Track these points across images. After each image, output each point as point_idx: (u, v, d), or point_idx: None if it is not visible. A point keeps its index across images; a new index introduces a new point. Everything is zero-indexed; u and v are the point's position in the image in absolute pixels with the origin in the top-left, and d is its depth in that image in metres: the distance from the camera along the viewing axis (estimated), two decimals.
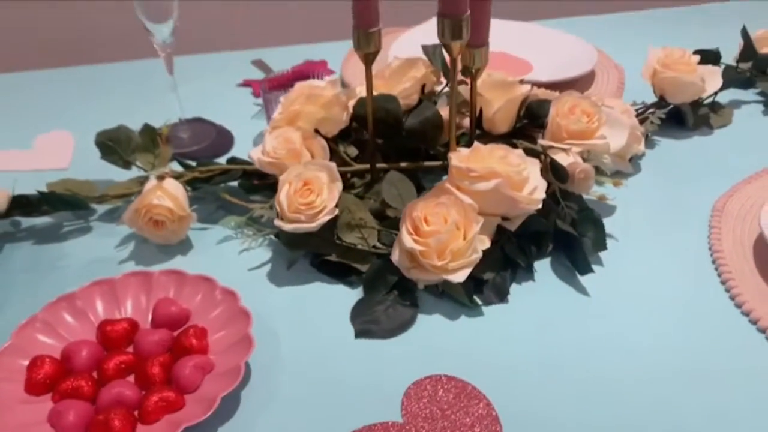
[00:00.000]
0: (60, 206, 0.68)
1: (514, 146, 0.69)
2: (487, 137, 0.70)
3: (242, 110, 0.93)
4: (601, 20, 1.19)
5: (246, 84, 0.99)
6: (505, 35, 1.05)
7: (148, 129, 0.72)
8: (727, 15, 1.19)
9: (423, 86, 0.76)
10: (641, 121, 0.82)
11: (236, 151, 0.84)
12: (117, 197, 0.70)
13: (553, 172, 0.64)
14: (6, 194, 0.67)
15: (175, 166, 0.73)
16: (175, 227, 0.64)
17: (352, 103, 0.71)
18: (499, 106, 0.68)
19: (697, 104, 0.84)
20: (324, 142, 0.68)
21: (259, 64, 1.04)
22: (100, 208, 0.72)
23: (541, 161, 0.64)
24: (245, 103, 0.94)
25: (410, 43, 0.99)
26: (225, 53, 1.09)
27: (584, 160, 0.66)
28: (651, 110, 0.84)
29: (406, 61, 0.76)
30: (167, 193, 0.64)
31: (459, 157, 0.60)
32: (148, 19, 0.77)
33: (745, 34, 0.86)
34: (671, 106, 0.82)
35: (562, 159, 0.64)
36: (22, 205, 0.68)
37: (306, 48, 1.10)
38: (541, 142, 0.66)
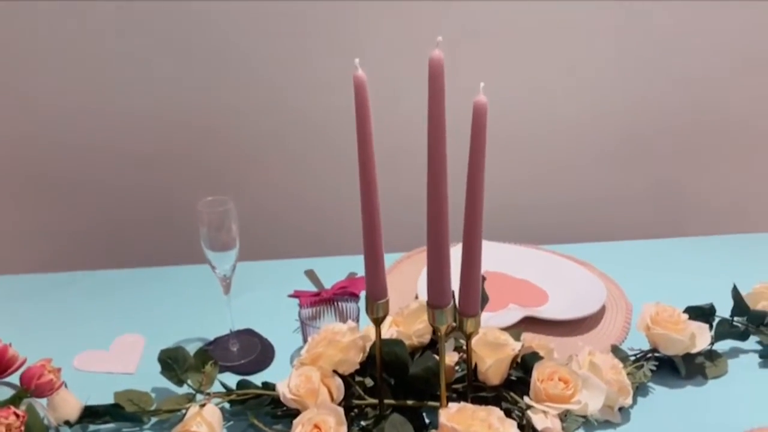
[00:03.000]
0: (120, 419, 0.83)
1: (505, 398, 0.79)
2: (483, 386, 0.81)
3: (287, 322, 1.07)
4: (628, 246, 1.29)
5: (295, 295, 1.14)
6: (528, 263, 1.18)
7: (200, 353, 0.87)
8: (751, 246, 1.27)
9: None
10: (638, 368, 0.90)
11: (276, 366, 0.98)
12: (168, 412, 0.84)
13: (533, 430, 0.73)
14: (79, 405, 0.81)
15: (218, 386, 0.87)
16: None
17: (369, 344, 0.84)
18: (490, 363, 0.78)
19: (690, 355, 0.91)
20: (340, 382, 0.80)
21: (311, 275, 1.20)
22: (154, 418, 0.86)
23: (524, 418, 0.74)
24: (291, 315, 1.08)
25: None
26: (281, 261, 1.25)
27: (563, 418, 0.75)
28: (649, 355, 0.92)
29: (421, 305, 0.88)
30: (205, 420, 0.77)
31: (447, 415, 0.71)
32: (211, 249, 0.93)
33: (735, 292, 0.95)
34: (663, 357, 0.90)
35: (541, 420, 0.73)
36: (91, 414, 0.82)
37: (357, 259, 1.25)
38: (525, 400, 0.76)
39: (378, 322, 0.76)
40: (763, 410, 0.85)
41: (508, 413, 0.76)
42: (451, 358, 0.85)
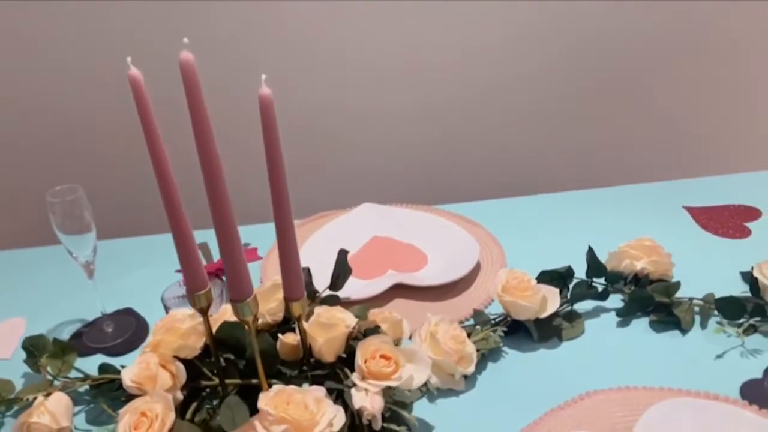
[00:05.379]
0: None
1: (337, 375, 0.81)
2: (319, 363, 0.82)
3: None
4: (522, 202, 1.29)
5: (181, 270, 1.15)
6: (417, 226, 1.18)
7: (57, 341, 0.89)
8: (641, 197, 1.27)
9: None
10: (494, 332, 0.92)
11: None
12: (26, 399, 0.87)
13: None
14: None
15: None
16: None
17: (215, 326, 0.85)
18: (322, 342, 0.80)
19: (545, 318, 0.92)
20: (180, 366, 0.81)
21: (203, 248, 1.20)
22: (16, 406, 0.89)
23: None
24: (179, 291, 1.10)
25: (326, 236, 1.15)
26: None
27: (388, 394, 0.77)
28: (508, 319, 0.93)
29: (274, 284, 0.89)
30: (48, 410, 0.79)
31: (264, 399, 0.72)
32: (66, 237, 0.93)
33: (590, 254, 0.94)
34: (512, 321, 0.91)
35: (361, 398, 0.74)
36: None
37: (258, 228, 1.25)
38: (352, 378, 0.77)
39: (204, 311, 0.77)
40: (613, 371, 0.86)
41: (340, 390, 0.78)
42: (295, 336, 0.86)
